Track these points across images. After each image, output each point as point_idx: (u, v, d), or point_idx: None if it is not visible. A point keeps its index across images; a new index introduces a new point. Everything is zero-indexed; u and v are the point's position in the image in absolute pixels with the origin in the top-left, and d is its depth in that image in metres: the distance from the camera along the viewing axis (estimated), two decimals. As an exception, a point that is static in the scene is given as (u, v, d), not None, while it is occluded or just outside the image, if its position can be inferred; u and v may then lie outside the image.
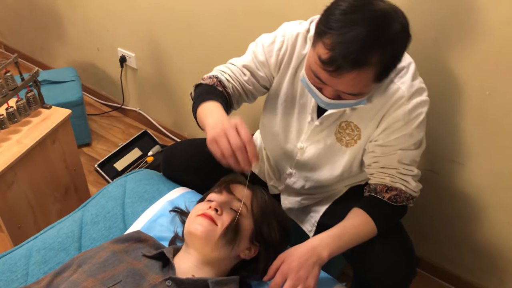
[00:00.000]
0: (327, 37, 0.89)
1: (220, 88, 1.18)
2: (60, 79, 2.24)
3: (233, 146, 0.93)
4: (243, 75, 1.21)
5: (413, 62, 1.09)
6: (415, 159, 1.12)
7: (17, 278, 1.12)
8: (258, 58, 1.19)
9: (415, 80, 1.07)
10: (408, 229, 1.20)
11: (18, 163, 1.42)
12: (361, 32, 0.86)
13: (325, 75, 0.93)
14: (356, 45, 0.87)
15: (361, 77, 0.92)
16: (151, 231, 1.23)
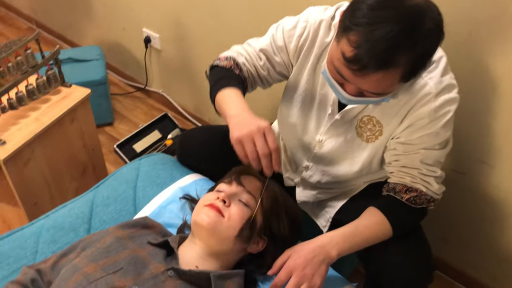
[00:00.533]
0: (352, 34, 0.83)
1: (237, 71, 1.15)
2: (84, 57, 2.24)
3: (260, 152, 0.93)
4: (259, 60, 1.17)
5: (445, 56, 1.02)
6: (439, 159, 1.05)
7: (26, 255, 1.13)
8: (276, 43, 1.14)
9: (445, 76, 1.00)
10: (430, 229, 1.14)
11: (35, 140, 1.42)
12: (390, 30, 0.80)
13: (348, 73, 0.88)
14: (384, 44, 0.81)
15: (387, 78, 0.86)
16: (161, 217, 1.21)
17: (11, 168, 1.36)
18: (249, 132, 0.93)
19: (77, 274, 0.88)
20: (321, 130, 1.18)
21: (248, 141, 0.93)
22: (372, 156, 1.13)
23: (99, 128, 2.31)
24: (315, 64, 1.12)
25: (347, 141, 1.14)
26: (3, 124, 1.42)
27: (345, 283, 1.11)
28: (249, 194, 1.02)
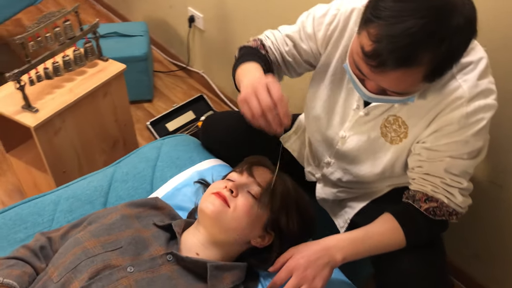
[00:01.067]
0: (373, 27, 0.77)
1: (263, 51, 1.13)
2: (130, 32, 2.27)
3: (263, 105, 0.87)
4: (285, 45, 1.14)
5: (486, 58, 0.93)
6: (467, 170, 0.97)
7: (43, 222, 1.17)
8: (305, 30, 1.10)
9: (482, 80, 0.91)
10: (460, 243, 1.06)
11: (67, 110, 1.46)
12: (413, 25, 0.73)
13: (367, 69, 0.82)
14: (405, 40, 0.74)
15: (407, 77, 0.79)
16: (174, 199, 1.21)
17: (42, 135, 1.41)
18: (252, 88, 0.88)
19: (77, 248, 0.89)
20: (346, 125, 1.12)
21: (251, 98, 0.88)
22: (395, 159, 1.06)
23: (138, 103, 2.35)
24: (344, 55, 1.06)
25: (371, 140, 1.08)
26: (39, 93, 1.47)
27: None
28: (259, 186, 0.99)
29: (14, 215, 1.16)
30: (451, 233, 1.52)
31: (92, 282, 0.82)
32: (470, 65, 0.91)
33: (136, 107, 2.34)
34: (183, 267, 0.92)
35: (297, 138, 1.36)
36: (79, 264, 0.85)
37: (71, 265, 0.85)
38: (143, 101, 2.36)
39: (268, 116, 0.87)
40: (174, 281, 0.88)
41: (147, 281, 0.85)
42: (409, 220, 0.99)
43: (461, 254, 1.55)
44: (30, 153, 1.60)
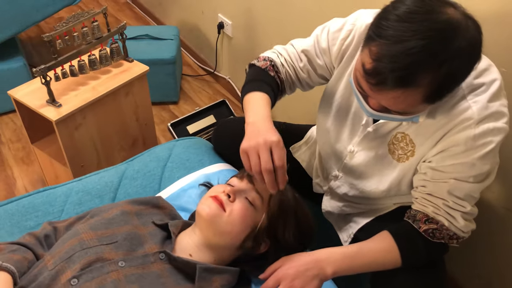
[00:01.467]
0: (374, 45, 0.77)
1: (272, 73, 1.12)
2: (161, 36, 2.33)
3: (263, 166, 0.89)
4: (299, 61, 1.13)
5: (500, 80, 0.90)
6: (473, 194, 0.94)
7: (53, 212, 1.22)
8: (320, 44, 1.09)
9: (493, 102, 0.88)
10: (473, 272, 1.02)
11: (88, 107, 1.52)
12: (414, 46, 0.72)
13: (367, 86, 0.81)
14: (405, 60, 0.73)
15: (406, 96, 0.78)
16: (179, 199, 1.23)
17: (62, 129, 1.47)
18: (256, 144, 0.90)
19: (74, 239, 0.92)
20: (354, 140, 1.11)
21: (253, 153, 0.90)
22: (401, 177, 1.04)
23: (164, 105, 2.41)
24: None
25: (378, 156, 1.07)
26: (64, 89, 1.53)
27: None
28: (257, 193, 1.00)
29: (27, 203, 1.22)
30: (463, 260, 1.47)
31: (83, 272, 0.85)
32: (482, 86, 0.89)
33: (162, 108, 2.39)
34: (175, 267, 0.94)
35: (307, 148, 1.36)
36: (73, 255, 0.88)
37: (66, 255, 0.88)
38: (169, 103, 2.42)
39: (265, 176, 0.89)
40: (163, 279, 0.89)
41: (136, 277, 0.87)
42: (407, 240, 0.97)
43: (473, 283, 1.49)
44: (52, 146, 1.67)
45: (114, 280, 0.84)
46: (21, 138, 2.16)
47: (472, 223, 0.97)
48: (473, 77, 0.89)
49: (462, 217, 0.94)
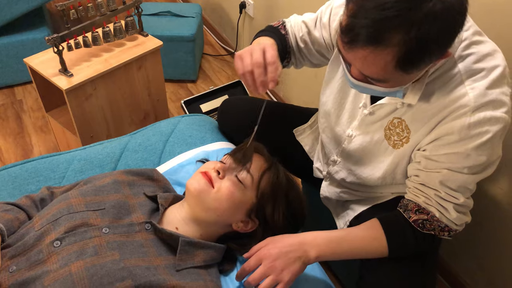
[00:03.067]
0: (352, 2, 0.74)
1: (283, 31, 1.16)
2: (183, 13, 2.33)
3: (253, 62, 0.91)
4: (300, 31, 1.14)
5: (503, 66, 0.85)
6: (467, 186, 0.90)
7: (54, 177, 1.24)
8: (322, 19, 1.10)
9: (493, 89, 0.83)
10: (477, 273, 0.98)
11: (100, 78, 1.53)
12: (387, 2, 0.69)
13: (342, 47, 0.79)
14: (376, 16, 0.70)
15: (376, 57, 0.74)
16: (176, 174, 1.24)
17: (73, 99, 1.49)
18: (250, 48, 0.93)
19: (63, 202, 0.94)
20: (353, 124, 1.09)
21: (246, 55, 0.92)
22: (395, 165, 1.01)
23: (181, 83, 2.42)
24: None
25: (375, 142, 1.04)
26: (77, 59, 1.56)
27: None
28: (248, 172, 0.99)
29: (30, 168, 1.25)
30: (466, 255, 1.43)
31: (66, 235, 0.86)
32: (482, 72, 0.84)
33: (179, 86, 2.40)
34: (159, 239, 0.94)
35: (311, 132, 1.34)
36: (59, 218, 0.90)
37: (53, 217, 0.90)
38: (187, 81, 2.43)
39: (255, 72, 0.90)
40: (145, 248, 0.90)
41: (118, 244, 0.88)
42: (395, 230, 0.94)
43: (475, 278, 1.44)
44: (65, 116, 1.70)
45: (96, 245, 0.86)
46: (41, 107, 2.21)
47: (466, 215, 0.93)
48: (472, 61, 0.85)
49: (455, 209, 0.90)
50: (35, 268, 0.82)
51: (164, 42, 1.73)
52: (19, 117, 2.17)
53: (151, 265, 0.87)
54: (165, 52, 2.17)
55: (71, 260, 0.82)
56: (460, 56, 0.86)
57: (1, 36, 2.11)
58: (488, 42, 0.88)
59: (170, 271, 0.89)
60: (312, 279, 1.03)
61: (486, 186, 1.28)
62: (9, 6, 2.03)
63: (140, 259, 0.86)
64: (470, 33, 0.87)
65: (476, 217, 1.00)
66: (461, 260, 1.47)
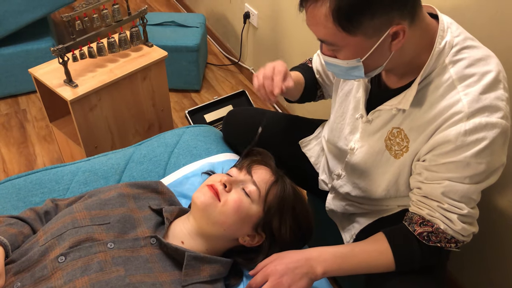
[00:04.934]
0: None
1: (310, 65, 1.24)
2: (187, 23, 2.33)
3: (264, 75, 1.02)
4: (316, 62, 1.22)
5: (495, 72, 0.85)
6: (471, 196, 0.88)
7: (59, 189, 1.23)
8: None
9: (487, 94, 0.83)
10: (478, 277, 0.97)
11: (104, 89, 1.53)
12: None
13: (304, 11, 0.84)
14: None
15: (316, 14, 0.80)
16: (181, 186, 1.23)
17: (77, 110, 1.49)
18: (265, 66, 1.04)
19: (67, 216, 0.93)
20: (355, 137, 1.09)
21: (260, 72, 1.04)
22: (398, 175, 1.00)
23: (185, 92, 2.42)
24: None
25: (376, 153, 1.03)
26: (82, 70, 1.55)
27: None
28: (255, 185, 0.97)
29: (35, 179, 1.24)
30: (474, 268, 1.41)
31: (71, 251, 0.85)
32: (473, 76, 0.84)
33: (183, 96, 2.40)
34: (165, 253, 0.93)
35: (317, 144, 1.33)
36: (64, 232, 0.89)
37: (58, 232, 0.89)
38: (190, 91, 2.42)
39: (265, 84, 1.01)
40: (150, 264, 0.89)
41: (123, 259, 0.87)
42: (401, 243, 0.93)
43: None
44: (69, 126, 1.70)
45: (101, 261, 0.84)
46: (45, 117, 2.21)
47: (472, 226, 0.91)
48: (464, 66, 0.84)
49: (460, 219, 0.89)
50: (39, 284, 0.81)
51: (168, 52, 1.73)
52: (22, 127, 2.16)
53: (157, 281, 0.85)
54: (169, 62, 2.17)
55: (76, 276, 0.81)
56: (451, 61, 0.86)
57: (6, 46, 2.12)
58: (481, 47, 0.88)
59: (175, 286, 0.87)
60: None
61: (494, 199, 1.26)
62: (14, 16, 2.04)
63: (146, 275, 0.85)
64: (461, 39, 0.87)
65: (484, 230, 0.98)
66: (469, 274, 1.45)
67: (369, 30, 0.79)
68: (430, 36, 0.86)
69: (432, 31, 0.87)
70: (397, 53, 0.84)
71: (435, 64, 0.86)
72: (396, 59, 0.86)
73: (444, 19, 0.88)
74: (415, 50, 0.86)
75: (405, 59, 0.88)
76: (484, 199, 0.91)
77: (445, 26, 0.87)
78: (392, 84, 0.98)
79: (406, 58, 0.87)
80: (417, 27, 0.83)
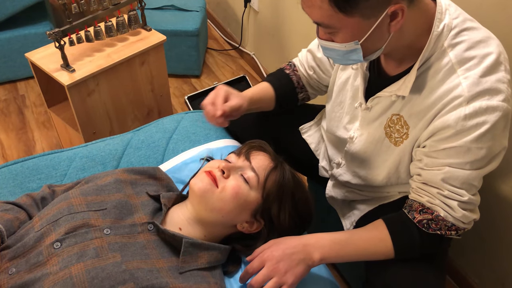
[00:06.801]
0: None
1: (288, 70, 1.23)
2: (186, 7, 2.29)
3: (204, 102, 1.09)
4: (306, 60, 1.20)
5: (496, 53, 0.82)
6: (472, 182, 0.86)
7: (56, 175, 1.22)
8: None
9: (487, 77, 0.81)
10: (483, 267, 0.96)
11: (102, 74, 1.51)
12: None
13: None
14: None
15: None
16: (180, 172, 1.21)
17: (75, 95, 1.47)
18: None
19: (63, 202, 0.91)
20: (355, 125, 1.07)
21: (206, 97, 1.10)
22: (398, 162, 0.98)
23: (185, 78, 2.39)
24: None
25: (376, 141, 1.02)
26: (79, 54, 1.53)
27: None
28: (253, 171, 0.96)
29: (32, 165, 1.23)
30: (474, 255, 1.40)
31: (66, 237, 0.84)
32: (473, 59, 0.82)
33: (183, 81, 2.37)
34: (162, 239, 0.92)
35: (317, 130, 1.31)
36: (60, 218, 0.88)
37: (53, 218, 0.88)
38: (191, 76, 2.40)
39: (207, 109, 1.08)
40: (147, 250, 0.88)
41: (120, 246, 0.86)
42: (400, 230, 0.92)
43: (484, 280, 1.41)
44: (68, 111, 1.68)
45: (97, 247, 0.83)
46: (44, 102, 2.19)
47: (473, 213, 0.89)
48: (464, 48, 0.82)
49: (460, 206, 0.87)
50: (34, 270, 0.80)
51: (168, 37, 1.70)
52: (21, 113, 2.15)
53: (154, 267, 0.84)
54: (169, 46, 2.14)
55: (71, 262, 0.80)
56: (450, 44, 0.84)
57: (4, 30, 2.09)
58: (481, 29, 0.85)
59: (173, 273, 0.86)
60: (318, 280, 1.00)
61: (495, 185, 1.24)
62: (12, 0, 2.01)
63: (143, 262, 0.84)
64: (460, 20, 0.85)
65: (485, 217, 0.97)
66: (470, 260, 1.44)
67: (367, 10, 0.77)
68: (429, 19, 0.84)
69: (431, 13, 0.84)
70: (396, 35, 0.82)
71: (434, 48, 0.84)
72: (395, 42, 0.84)
73: (442, 1, 0.86)
74: (414, 32, 0.84)
75: (404, 42, 0.85)
76: (485, 185, 0.89)
77: (443, 8, 0.85)
78: (391, 70, 0.95)
79: (405, 40, 0.85)
80: (415, 8, 0.81)
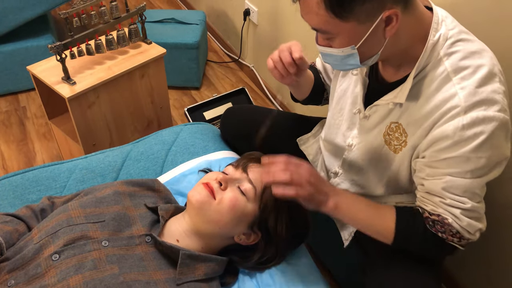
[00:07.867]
0: None
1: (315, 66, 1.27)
2: (186, 20, 2.32)
3: (279, 50, 1.02)
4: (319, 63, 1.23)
5: (489, 65, 0.84)
6: (473, 190, 0.86)
7: (55, 187, 1.23)
8: None
9: (483, 87, 0.82)
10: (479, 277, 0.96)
11: (102, 87, 1.52)
12: None
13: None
14: None
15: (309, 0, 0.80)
16: (178, 184, 1.22)
17: (75, 107, 1.49)
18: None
19: (62, 214, 0.92)
20: (353, 133, 1.08)
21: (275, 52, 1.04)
22: (397, 170, 0.99)
23: (185, 90, 2.41)
24: None
25: (374, 148, 1.03)
26: (80, 67, 1.55)
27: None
28: (250, 183, 0.97)
29: (32, 177, 1.24)
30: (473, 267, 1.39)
31: (65, 248, 0.85)
32: (468, 69, 0.83)
33: (183, 93, 2.39)
34: (160, 251, 0.93)
35: (315, 142, 1.32)
36: (59, 230, 0.88)
37: (52, 229, 0.89)
38: (190, 88, 2.42)
39: (281, 55, 1.01)
40: (145, 262, 0.89)
41: (118, 258, 0.86)
42: (408, 220, 0.93)
43: None
44: (68, 123, 1.69)
45: (95, 259, 0.84)
46: (45, 114, 2.21)
47: (479, 222, 0.89)
48: (459, 58, 0.84)
49: (464, 214, 0.87)
50: (33, 282, 0.81)
51: (168, 49, 1.72)
52: (22, 124, 2.16)
53: (151, 279, 0.85)
54: (169, 59, 2.16)
55: (70, 274, 0.81)
56: (446, 53, 0.85)
57: (6, 43, 2.11)
58: (475, 41, 0.87)
59: (170, 285, 0.87)
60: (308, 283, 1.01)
61: (495, 196, 1.25)
62: (14, 13, 2.04)
63: (140, 274, 0.85)
64: (455, 32, 0.87)
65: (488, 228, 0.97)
66: (468, 272, 1.44)
67: (362, 15, 0.79)
68: (425, 27, 0.86)
69: (426, 22, 0.86)
70: (392, 40, 0.84)
71: (430, 58, 0.86)
72: (391, 47, 0.85)
73: (439, 12, 0.88)
74: (410, 38, 0.86)
75: (400, 48, 0.87)
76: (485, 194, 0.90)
77: (439, 19, 0.86)
78: (389, 77, 0.97)
79: (401, 46, 0.87)
80: (410, 14, 0.83)
